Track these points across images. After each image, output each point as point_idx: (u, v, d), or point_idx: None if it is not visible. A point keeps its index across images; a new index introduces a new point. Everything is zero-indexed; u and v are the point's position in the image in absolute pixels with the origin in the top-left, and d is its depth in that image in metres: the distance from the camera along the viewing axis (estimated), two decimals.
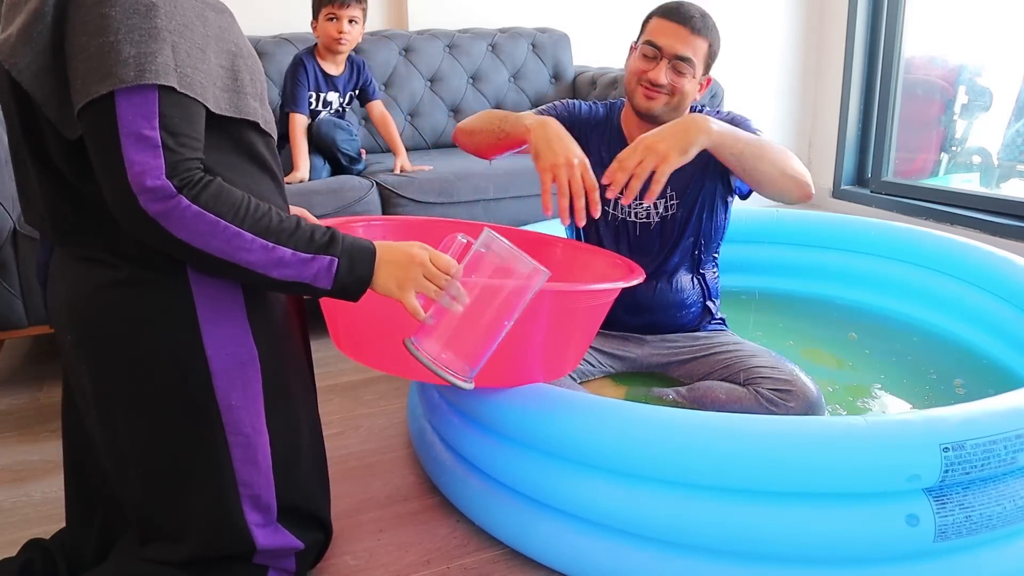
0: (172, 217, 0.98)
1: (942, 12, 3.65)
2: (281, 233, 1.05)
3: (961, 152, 3.77)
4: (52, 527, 1.42)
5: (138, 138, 0.97)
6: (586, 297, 1.43)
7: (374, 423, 1.91)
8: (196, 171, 1.01)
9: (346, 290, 1.11)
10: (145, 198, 0.97)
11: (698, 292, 1.83)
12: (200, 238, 1.00)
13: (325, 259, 1.07)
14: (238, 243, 1.02)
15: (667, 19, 1.64)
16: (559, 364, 1.47)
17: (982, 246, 2.14)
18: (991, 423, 1.21)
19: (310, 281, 1.07)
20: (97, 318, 1.11)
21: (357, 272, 1.10)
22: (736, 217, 2.40)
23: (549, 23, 3.34)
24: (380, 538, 1.50)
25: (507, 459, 1.42)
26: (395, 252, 1.13)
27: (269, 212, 1.06)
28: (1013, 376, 1.88)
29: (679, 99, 1.67)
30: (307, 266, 1.06)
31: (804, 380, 1.61)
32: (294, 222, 1.07)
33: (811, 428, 1.25)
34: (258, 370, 1.16)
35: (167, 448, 1.15)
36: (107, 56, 0.96)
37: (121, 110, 0.96)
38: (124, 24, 0.97)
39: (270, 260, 1.04)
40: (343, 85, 2.65)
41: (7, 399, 2.12)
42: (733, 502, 1.23)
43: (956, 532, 1.19)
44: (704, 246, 1.80)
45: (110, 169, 0.98)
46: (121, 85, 0.96)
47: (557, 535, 1.37)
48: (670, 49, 1.63)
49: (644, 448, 1.26)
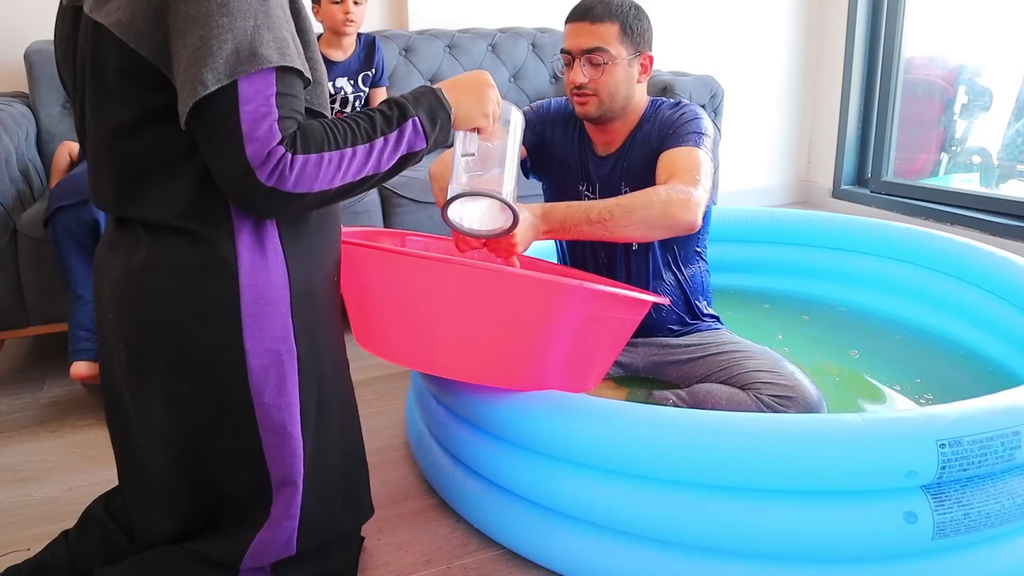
0: (285, 178, 1.00)
1: (942, 12, 3.65)
2: (365, 129, 1.09)
3: (961, 152, 3.77)
4: (52, 527, 1.42)
5: (258, 116, 0.98)
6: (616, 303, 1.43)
7: (374, 423, 1.90)
8: (289, 129, 1.02)
9: (439, 137, 1.18)
10: (262, 171, 0.99)
11: (678, 291, 1.80)
12: (317, 182, 1.03)
13: (408, 124, 1.12)
14: (345, 163, 1.05)
15: (569, 22, 1.66)
16: (580, 375, 1.47)
17: (982, 246, 2.14)
18: (988, 420, 1.21)
19: (408, 150, 1.13)
20: (139, 299, 1.11)
21: (439, 118, 1.17)
22: (736, 217, 2.42)
23: (549, 23, 3.34)
24: (380, 538, 1.50)
25: (504, 461, 1.42)
26: (462, 82, 1.24)
27: (344, 121, 1.08)
28: (1013, 376, 1.88)
29: (608, 94, 1.64)
30: (400, 141, 1.12)
31: (804, 384, 1.59)
32: (366, 114, 1.11)
33: (808, 426, 1.25)
34: (295, 370, 1.15)
35: (197, 436, 1.15)
36: (251, 38, 0.97)
37: (244, 89, 0.98)
38: (259, 10, 0.99)
39: (373, 156, 1.09)
40: (353, 69, 2.57)
41: (7, 399, 2.13)
42: (731, 501, 1.23)
43: (954, 529, 1.19)
44: (679, 243, 1.76)
45: (229, 147, 0.98)
46: (268, 64, 0.98)
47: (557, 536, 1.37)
48: (576, 48, 1.63)
49: (641, 447, 1.26)
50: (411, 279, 1.33)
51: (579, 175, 1.77)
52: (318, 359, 1.18)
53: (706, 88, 2.92)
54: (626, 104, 1.67)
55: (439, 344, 1.35)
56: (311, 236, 1.18)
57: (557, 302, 1.31)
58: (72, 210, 1.96)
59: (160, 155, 1.06)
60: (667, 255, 1.77)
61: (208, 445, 1.15)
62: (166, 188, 1.06)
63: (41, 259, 2.08)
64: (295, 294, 1.13)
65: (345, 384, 1.30)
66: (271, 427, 1.14)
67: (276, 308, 1.12)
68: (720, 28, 3.74)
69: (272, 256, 1.11)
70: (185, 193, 1.05)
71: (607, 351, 1.51)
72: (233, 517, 1.20)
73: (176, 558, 1.18)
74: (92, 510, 1.33)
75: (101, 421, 1.98)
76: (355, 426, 1.33)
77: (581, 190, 1.78)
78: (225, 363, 1.10)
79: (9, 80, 2.68)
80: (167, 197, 1.07)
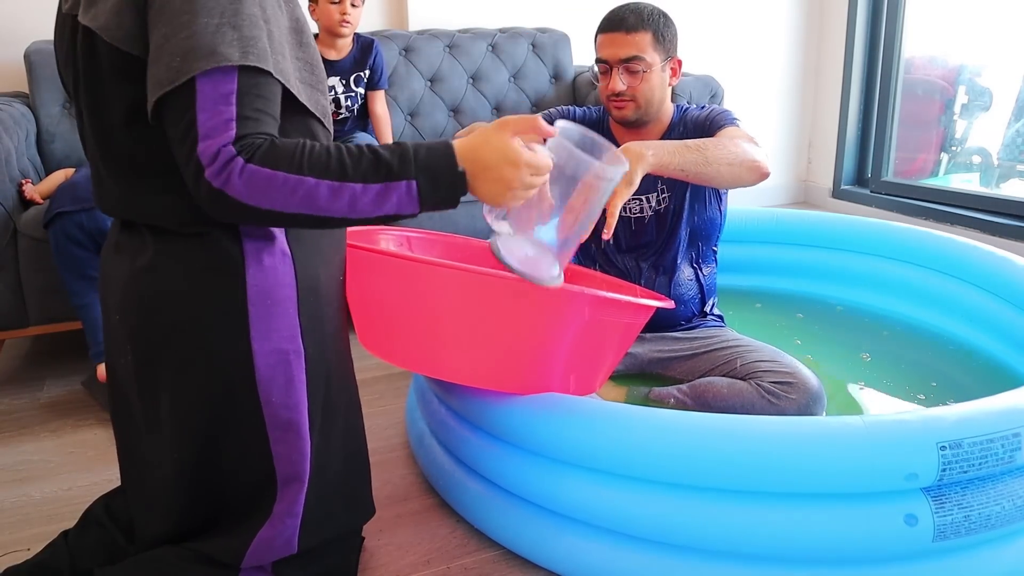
0: (232, 183, 0.94)
1: (942, 12, 3.65)
2: (344, 168, 0.97)
3: (961, 152, 3.77)
4: (52, 527, 1.42)
5: (214, 113, 0.95)
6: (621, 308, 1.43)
7: (374, 423, 1.90)
8: (259, 138, 0.97)
9: (440, 207, 1.03)
10: (211, 170, 0.94)
11: (696, 288, 1.85)
12: (266, 198, 0.95)
13: (401, 185, 0.99)
14: (303, 191, 0.96)
15: (604, 33, 1.72)
16: (586, 378, 1.48)
17: (982, 246, 2.14)
18: (988, 422, 1.21)
19: (395, 212, 1.00)
20: (146, 300, 1.10)
21: (442, 194, 1.02)
22: (736, 217, 2.41)
23: (549, 23, 3.34)
24: (380, 538, 1.50)
25: (506, 463, 1.42)
26: (487, 156, 1.03)
27: (328, 149, 0.98)
28: (1013, 376, 1.88)
29: (645, 99, 1.71)
30: (384, 198, 0.99)
31: (805, 373, 1.62)
32: (357, 151, 0.99)
33: (808, 428, 1.25)
34: (303, 368, 1.14)
35: (204, 435, 1.14)
36: (212, 36, 0.95)
37: (201, 86, 0.95)
38: (227, 8, 0.97)
39: (341, 200, 0.97)
40: (345, 69, 2.58)
41: (7, 399, 2.13)
42: (730, 503, 1.23)
43: (955, 532, 1.19)
44: (703, 237, 1.82)
45: (185, 144, 0.96)
46: (227, 63, 0.95)
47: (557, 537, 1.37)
48: (613, 57, 1.69)
49: (640, 450, 1.26)
50: (414, 284, 1.33)
51: None
52: (324, 358, 1.18)
53: (706, 88, 2.92)
54: (660, 107, 1.76)
55: (443, 349, 1.35)
56: (317, 236, 1.17)
57: (562, 308, 1.31)
58: (72, 217, 1.96)
59: (158, 156, 1.05)
60: (691, 251, 1.82)
61: (215, 444, 1.15)
62: (168, 190, 1.06)
63: (41, 259, 2.08)
64: (302, 293, 1.13)
65: (350, 383, 1.30)
66: (279, 425, 1.14)
67: (283, 307, 1.11)
68: (720, 28, 3.73)
69: (279, 255, 1.11)
70: (187, 194, 1.04)
71: (612, 354, 1.51)
72: (236, 515, 1.20)
73: (176, 557, 1.18)
74: (92, 510, 1.33)
75: (101, 421, 1.98)
76: (359, 425, 1.33)
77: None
78: (232, 362, 1.10)
79: (9, 80, 2.68)
80: (169, 199, 1.06)
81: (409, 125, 3.06)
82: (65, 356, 2.37)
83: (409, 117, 3.07)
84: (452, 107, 3.12)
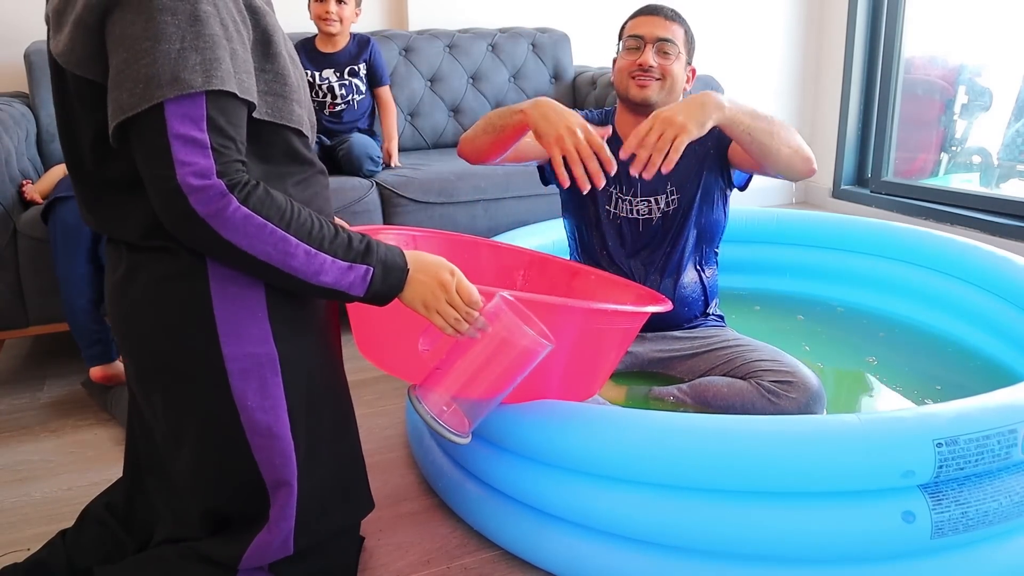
0: (222, 218, 0.99)
1: (942, 12, 3.65)
2: (323, 240, 1.07)
3: (961, 152, 3.77)
4: (52, 527, 1.42)
5: (187, 140, 0.97)
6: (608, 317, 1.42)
7: (374, 423, 1.90)
8: (243, 173, 1.02)
9: (376, 298, 1.13)
10: (196, 198, 0.98)
11: (699, 289, 1.85)
12: (247, 240, 1.02)
13: (361, 268, 1.09)
14: (284, 247, 1.03)
15: (643, 15, 1.76)
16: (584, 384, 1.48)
17: (982, 246, 2.14)
18: (984, 418, 1.21)
19: (346, 289, 1.09)
20: (127, 310, 1.14)
21: (389, 283, 1.12)
22: (736, 217, 2.41)
23: (549, 23, 3.35)
24: (379, 538, 1.51)
25: (504, 466, 1.41)
26: (425, 270, 1.15)
27: (311, 217, 1.07)
28: (1013, 376, 1.88)
29: (670, 83, 1.73)
30: (345, 274, 1.08)
31: (805, 372, 1.62)
32: (333, 229, 1.09)
33: (805, 426, 1.25)
34: (278, 372, 1.14)
35: (191, 442, 1.16)
36: (174, 62, 0.97)
37: (170, 113, 0.97)
38: (188, 32, 0.98)
39: (312, 266, 1.06)
40: (340, 62, 2.62)
41: (7, 399, 2.13)
42: (728, 503, 1.23)
43: (953, 528, 1.19)
44: (707, 240, 1.82)
45: (159, 170, 0.98)
46: (191, 90, 0.97)
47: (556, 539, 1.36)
48: (651, 34, 1.72)
49: (638, 452, 1.26)
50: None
51: (611, 177, 1.78)
52: (304, 357, 1.18)
53: (706, 88, 2.90)
54: (676, 100, 1.75)
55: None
56: None
57: (559, 323, 1.29)
58: (70, 201, 1.97)
59: (120, 176, 1.07)
60: (695, 254, 1.82)
61: (202, 451, 1.16)
62: (131, 208, 1.08)
63: (41, 259, 2.08)
64: (272, 296, 1.13)
65: (337, 378, 1.30)
66: (257, 430, 1.14)
67: (251, 311, 1.12)
68: (720, 28, 3.74)
69: None
70: (150, 210, 1.05)
71: (610, 358, 1.51)
72: (233, 520, 1.21)
73: (175, 556, 1.19)
74: (91, 509, 1.34)
75: (101, 421, 1.98)
76: (349, 420, 1.32)
77: (612, 192, 1.81)
78: (205, 367, 1.11)
79: (9, 80, 2.69)
80: (133, 216, 1.09)
81: (409, 125, 3.07)
82: (65, 356, 2.38)
83: (409, 117, 3.07)
84: (452, 107, 3.13)
